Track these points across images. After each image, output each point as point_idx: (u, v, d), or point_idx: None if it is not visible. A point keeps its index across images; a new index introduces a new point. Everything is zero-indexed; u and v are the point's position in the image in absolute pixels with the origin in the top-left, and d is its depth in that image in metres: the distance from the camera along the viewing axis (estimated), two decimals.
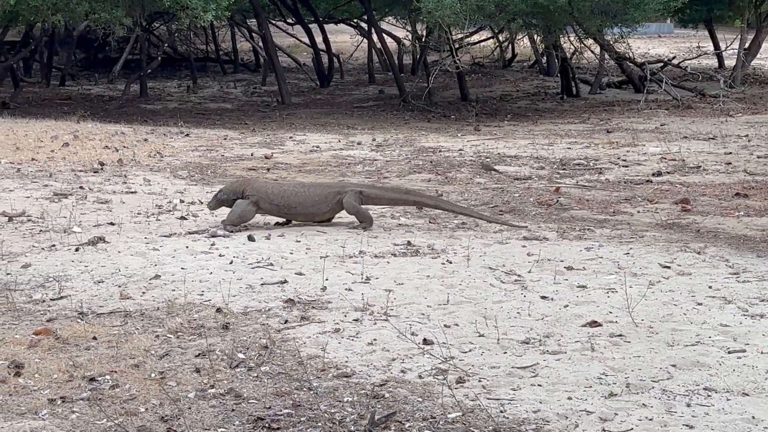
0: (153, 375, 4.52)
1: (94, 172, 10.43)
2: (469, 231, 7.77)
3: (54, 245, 7.10)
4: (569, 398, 4.25)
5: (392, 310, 5.51)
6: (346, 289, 5.95)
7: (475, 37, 24.74)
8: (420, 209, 8.34)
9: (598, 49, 20.30)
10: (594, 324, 5.25)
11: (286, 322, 5.32)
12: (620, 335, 5.08)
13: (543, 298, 5.79)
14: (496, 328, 5.15)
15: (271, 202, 7.79)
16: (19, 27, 19.94)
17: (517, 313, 5.50)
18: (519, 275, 6.31)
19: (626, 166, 11.06)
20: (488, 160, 11.65)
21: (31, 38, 20.65)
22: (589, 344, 4.92)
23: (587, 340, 4.99)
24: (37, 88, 22.26)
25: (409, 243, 7.24)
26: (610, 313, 5.47)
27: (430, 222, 8.15)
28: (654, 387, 4.37)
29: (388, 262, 6.67)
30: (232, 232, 7.60)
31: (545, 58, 24.44)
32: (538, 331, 5.15)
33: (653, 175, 10.42)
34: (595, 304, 5.66)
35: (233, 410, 4.13)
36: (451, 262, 6.66)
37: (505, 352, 4.84)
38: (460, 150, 12.59)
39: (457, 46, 18.91)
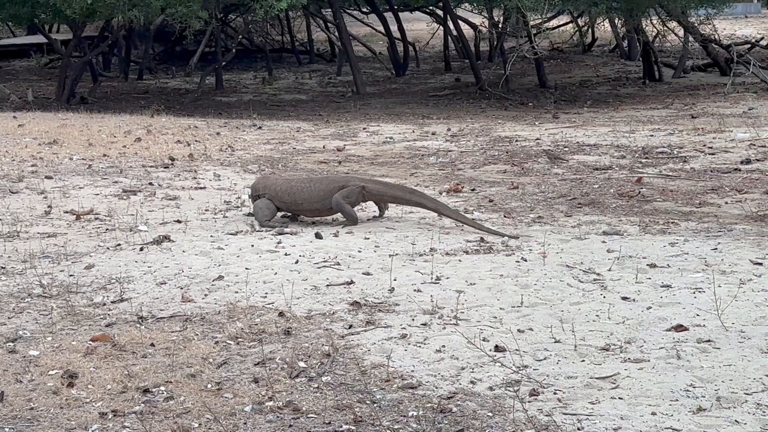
0: (209, 386, 4.30)
1: (164, 168, 10.32)
2: (545, 225, 7.43)
3: (119, 244, 6.97)
4: (653, 413, 3.91)
5: (462, 313, 5.22)
6: (414, 290, 5.67)
7: (554, 22, 24.21)
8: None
9: (681, 32, 19.66)
10: (680, 328, 4.89)
11: (350, 327, 5.06)
12: (709, 341, 4.71)
13: (624, 299, 5.44)
14: (573, 333, 4.83)
15: (281, 200, 7.63)
16: (98, 22, 20.06)
17: (596, 316, 5.16)
18: (598, 274, 5.96)
19: (712, 154, 10.53)
20: (564, 148, 11.25)
21: (109, 33, 20.75)
22: (675, 351, 4.57)
23: (672, 346, 4.64)
24: (116, 82, 22.42)
25: (482, 239, 6.93)
26: (697, 315, 5.10)
27: (504, 216, 7.82)
28: (747, 401, 4.01)
29: (459, 261, 6.37)
30: (286, 226, 7.46)
31: (626, 41, 23.78)
32: (618, 337, 4.81)
33: (741, 162, 9.89)
34: (680, 305, 5.29)
35: (290, 426, 3.89)
36: (525, 260, 6.33)
37: (583, 360, 4.52)
38: (538, 139, 12.19)
39: (534, 31, 18.49)
